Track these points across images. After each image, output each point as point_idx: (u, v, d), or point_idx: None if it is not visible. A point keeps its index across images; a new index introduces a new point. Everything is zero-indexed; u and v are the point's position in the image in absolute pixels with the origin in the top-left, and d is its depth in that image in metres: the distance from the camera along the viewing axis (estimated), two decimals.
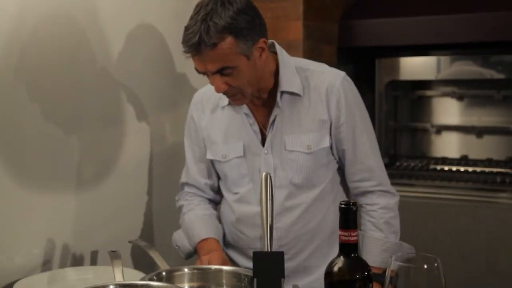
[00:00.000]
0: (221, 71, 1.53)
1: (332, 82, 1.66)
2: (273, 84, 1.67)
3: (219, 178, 1.82)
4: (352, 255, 1.11)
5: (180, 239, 1.79)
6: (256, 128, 1.69)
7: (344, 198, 1.78)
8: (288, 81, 1.66)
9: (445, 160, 3.48)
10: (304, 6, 2.74)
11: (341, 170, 1.75)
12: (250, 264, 1.72)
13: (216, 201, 1.87)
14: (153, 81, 2.16)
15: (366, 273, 1.10)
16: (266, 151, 1.68)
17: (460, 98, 3.49)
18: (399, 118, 3.59)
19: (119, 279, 1.34)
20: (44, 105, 1.75)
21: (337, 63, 3.11)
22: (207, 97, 1.78)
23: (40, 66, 1.73)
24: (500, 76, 3.17)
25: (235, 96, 1.61)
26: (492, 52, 3.18)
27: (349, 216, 1.10)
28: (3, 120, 1.64)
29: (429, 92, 3.57)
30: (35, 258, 1.73)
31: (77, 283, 1.61)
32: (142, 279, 1.39)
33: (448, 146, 3.57)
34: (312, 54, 2.81)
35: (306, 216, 1.69)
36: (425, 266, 1.08)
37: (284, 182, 1.68)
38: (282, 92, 1.66)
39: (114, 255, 1.41)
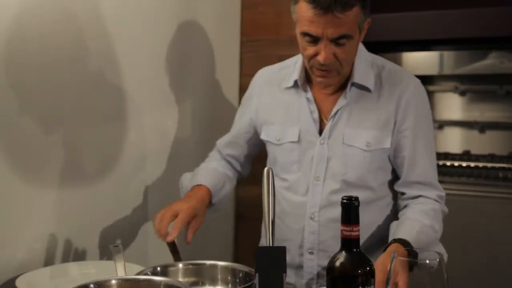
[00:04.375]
0: (339, 39, 1.49)
1: (407, 83, 1.64)
2: (347, 76, 1.64)
3: (248, 158, 1.87)
4: (354, 250, 1.10)
5: (185, 180, 1.81)
6: (316, 116, 1.65)
7: (396, 208, 1.69)
8: (362, 73, 1.62)
9: (447, 155, 3.47)
10: None
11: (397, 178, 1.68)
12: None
13: (238, 170, 1.89)
14: (155, 78, 2.16)
15: (368, 268, 1.10)
16: (322, 141, 1.63)
17: (462, 93, 3.48)
18: None
19: (121, 273, 1.34)
20: (46, 101, 1.75)
21: None
22: (270, 76, 1.77)
23: (42, 62, 1.73)
24: (503, 71, 3.16)
25: (330, 73, 1.56)
26: (495, 47, 3.17)
27: (351, 211, 1.10)
28: (5, 116, 1.64)
29: (431, 87, 3.56)
30: (37, 253, 1.73)
31: (79, 278, 1.61)
32: (137, 274, 1.39)
33: (450, 141, 3.57)
34: None
35: None
36: (427, 262, 1.08)
37: (335, 175, 1.63)
38: (353, 84, 1.62)
39: (116, 250, 1.40)
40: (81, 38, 1.85)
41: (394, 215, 1.67)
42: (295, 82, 1.67)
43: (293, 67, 1.71)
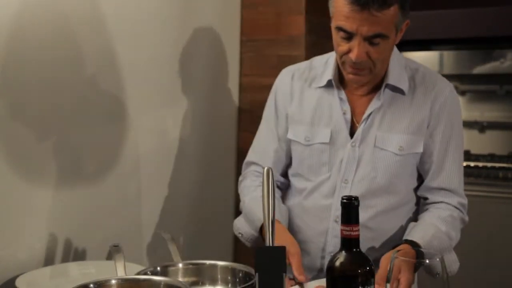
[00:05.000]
0: (373, 38, 1.46)
1: (442, 87, 1.61)
2: (381, 77, 1.60)
3: (290, 162, 1.73)
4: (354, 250, 1.11)
5: (241, 225, 1.69)
6: (349, 117, 1.61)
7: (418, 214, 1.65)
8: (397, 75, 1.60)
9: None
10: (307, 1, 2.74)
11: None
12: (304, 259, 1.59)
13: (283, 185, 1.76)
14: (155, 78, 2.16)
15: (368, 268, 1.10)
16: (353, 143, 1.59)
17: (462, 93, 3.48)
18: None
19: (121, 273, 1.34)
20: (46, 100, 1.75)
21: None
22: (300, 73, 1.71)
23: (41, 62, 1.73)
24: (503, 71, 3.17)
25: (362, 71, 1.52)
26: (495, 47, 3.17)
27: (351, 211, 1.10)
28: (4, 117, 1.64)
29: None
30: (37, 253, 1.73)
31: (79, 278, 1.61)
32: (137, 274, 1.39)
33: None
34: (315, 49, 2.80)
35: (372, 223, 1.58)
36: (427, 261, 1.08)
37: (364, 179, 1.59)
38: (387, 86, 1.59)
39: (116, 250, 1.40)
40: (80, 38, 1.85)
41: (416, 220, 1.63)
42: (329, 81, 1.63)
43: (322, 67, 1.67)
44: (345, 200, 1.10)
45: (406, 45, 3.34)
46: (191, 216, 2.36)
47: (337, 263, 1.10)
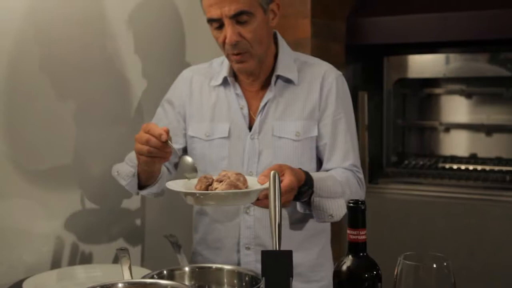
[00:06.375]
0: (238, 16, 1.52)
1: (328, 73, 1.68)
2: (271, 70, 1.66)
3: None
4: (361, 254, 1.10)
5: (119, 166, 1.66)
6: (246, 112, 1.67)
7: None
8: (285, 66, 1.66)
9: (453, 159, 3.46)
10: (312, 4, 2.74)
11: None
12: (221, 255, 1.63)
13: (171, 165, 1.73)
14: (159, 78, 2.17)
15: (375, 272, 1.10)
16: (252, 136, 1.65)
17: (468, 96, 3.47)
18: (408, 116, 3.58)
19: (127, 277, 1.34)
20: (53, 102, 1.76)
21: (345, 61, 3.11)
22: (200, 73, 1.75)
23: (48, 64, 1.74)
24: (509, 73, 3.16)
25: (244, 56, 1.57)
26: (501, 50, 3.16)
27: (358, 215, 1.10)
28: (11, 118, 1.64)
29: (437, 90, 3.56)
30: (44, 256, 1.74)
31: (85, 281, 1.62)
32: (143, 277, 1.39)
33: (456, 144, 3.56)
34: (320, 52, 2.81)
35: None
36: (434, 265, 1.08)
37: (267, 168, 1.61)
38: (278, 77, 1.65)
39: (122, 253, 1.40)
40: (88, 40, 1.86)
41: None
42: (224, 79, 1.68)
43: (219, 67, 1.72)
44: (351, 204, 1.10)
45: (412, 48, 3.35)
46: None
47: (344, 267, 1.10)
